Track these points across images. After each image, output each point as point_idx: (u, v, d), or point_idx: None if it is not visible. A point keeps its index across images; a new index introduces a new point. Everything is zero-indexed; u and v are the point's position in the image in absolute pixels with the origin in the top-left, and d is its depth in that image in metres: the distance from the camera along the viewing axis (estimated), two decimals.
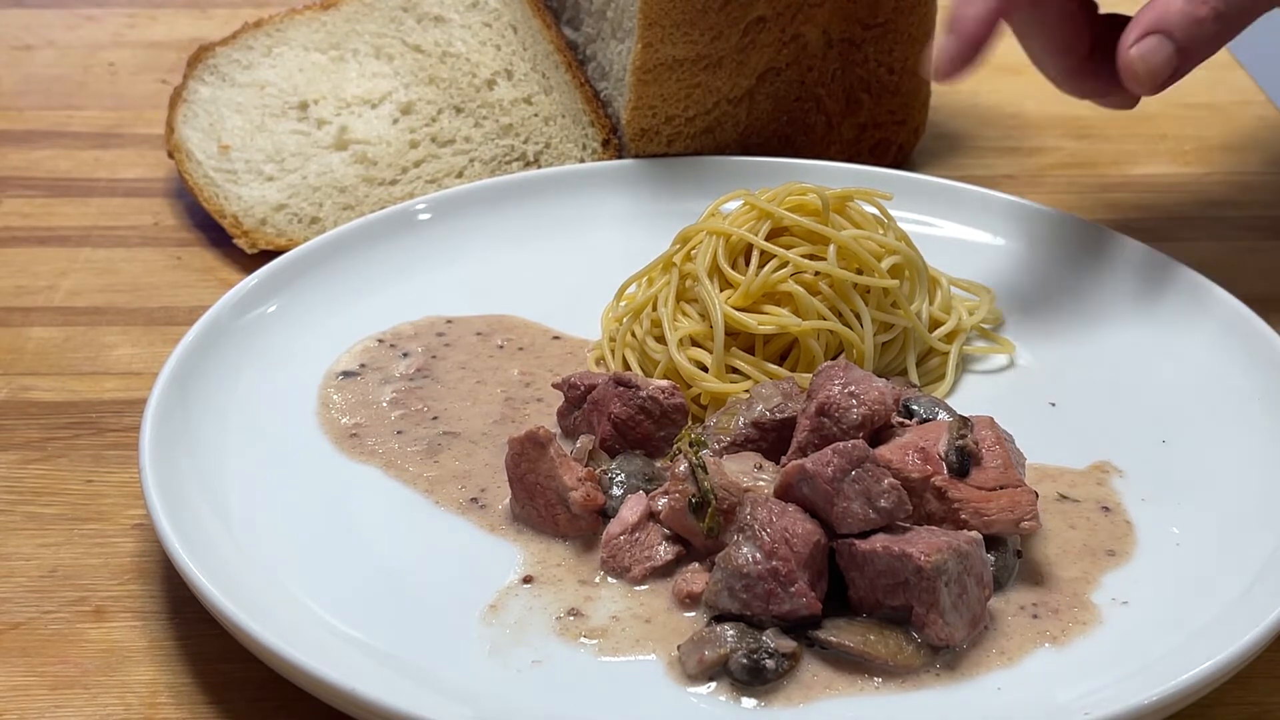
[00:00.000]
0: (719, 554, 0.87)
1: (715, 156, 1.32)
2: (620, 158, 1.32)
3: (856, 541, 0.86)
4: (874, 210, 1.13)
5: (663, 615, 0.88)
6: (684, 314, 1.09)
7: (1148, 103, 1.57)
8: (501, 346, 1.12)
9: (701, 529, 0.90)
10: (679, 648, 0.85)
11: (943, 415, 0.95)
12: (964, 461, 0.90)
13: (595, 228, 1.26)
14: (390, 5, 1.46)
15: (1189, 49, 1.03)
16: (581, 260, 1.22)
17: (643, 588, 0.90)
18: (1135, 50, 1.02)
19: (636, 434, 0.99)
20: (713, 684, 0.84)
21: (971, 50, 1.05)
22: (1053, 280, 1.18)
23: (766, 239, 1.08)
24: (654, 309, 1.10)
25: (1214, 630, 0.85)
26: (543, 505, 0.94)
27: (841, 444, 0.87)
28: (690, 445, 0.93)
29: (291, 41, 1.45)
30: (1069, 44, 1.08)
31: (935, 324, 1.12)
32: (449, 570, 0.92)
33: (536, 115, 1.36)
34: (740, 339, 1.07)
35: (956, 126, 1.51)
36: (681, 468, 0.91)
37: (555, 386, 1.04)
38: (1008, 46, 1.11)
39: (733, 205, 1.13)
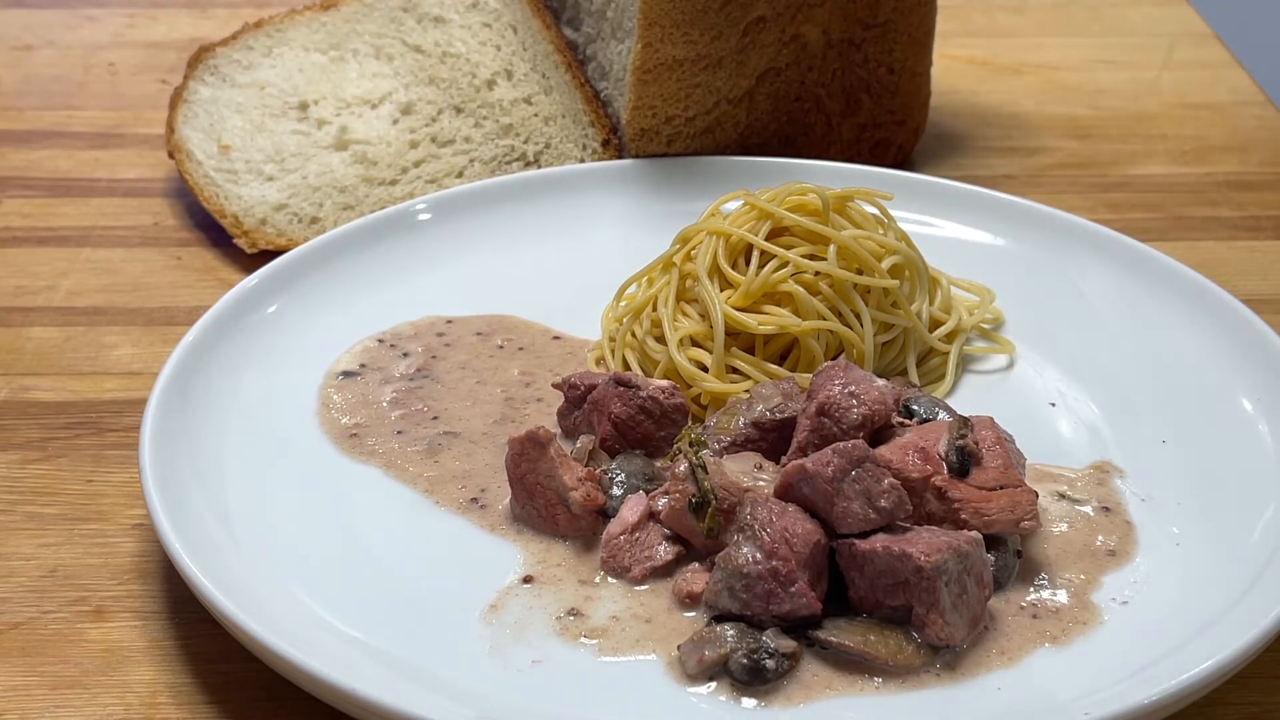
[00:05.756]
0: (719, 554, 0.87)
1: (715, 156, 1.32)
2: (620, 158, 1.32)
3: (856, 541, 0.86)
4: (874, 210, 1.13)
5: (663, 615, 0.88)
6: (684, 314, 1.09)
7: (1148, 103, 1.58)
8: (501, 346, 1.12)
9: (701, 529, 0.90)
10: (679, 648, 0.85)
11: (943, 415, 0.95)
12: (964, 461, 0.90)
13: (595, 228, 1.26)
14: (390, 5, 1.46)
15: None
16: (581, 260, 1.22)
17: (643, 588, 0.90)
18: None
19: (636, 434, 0.99)
20: (713, 684, 0.84)
21: None
22: (1053, 280, 1.18)
23: (766, 239, 1.08)
24: (654, 309, 1.10)
25: (1214, 630, 0.85)
26: (543, 505, 0.94)
27: (841, 444, 0.87)
28: (690, 445, 0.93)
29: (291, 42, 1.45)
30: None
31: (935, 324, 1.12)
32: (449, 570, 0.92)
33: (536, 115, 1.36)
34: (740, 339, 1.07)
35: (956, 126, 1.51)
36: (681, 468, 0.91)
37: (555, 386, 1.04)
38: (1008, 46, 1.11)
39: (733, 205, 1.13)
